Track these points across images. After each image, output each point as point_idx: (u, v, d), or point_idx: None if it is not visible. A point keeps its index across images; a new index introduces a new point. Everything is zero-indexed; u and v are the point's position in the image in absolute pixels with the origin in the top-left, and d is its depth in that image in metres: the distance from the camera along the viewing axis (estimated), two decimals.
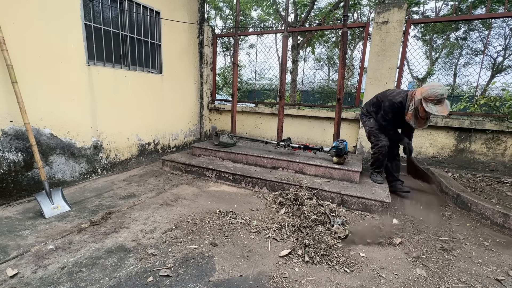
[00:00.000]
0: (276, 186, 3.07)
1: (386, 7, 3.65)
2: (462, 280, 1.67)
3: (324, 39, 9.26)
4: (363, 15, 11.68)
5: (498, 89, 6.27)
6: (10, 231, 2.03)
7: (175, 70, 4.44)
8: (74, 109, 2.99)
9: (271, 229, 2.20)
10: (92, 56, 3.13)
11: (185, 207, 2.61)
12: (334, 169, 3.16)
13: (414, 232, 2.28)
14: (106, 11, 3.26)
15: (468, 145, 3.68)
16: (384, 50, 3.68)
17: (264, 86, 10.22)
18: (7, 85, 2.36)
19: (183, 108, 4.78)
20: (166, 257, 1.78)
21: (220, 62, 10.57)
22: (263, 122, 4.90)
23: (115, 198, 2.77)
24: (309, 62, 11.74)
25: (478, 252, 2.02)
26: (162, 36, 4.06)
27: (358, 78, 4.41)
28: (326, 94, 9.25)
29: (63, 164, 2.96)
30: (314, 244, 1.93)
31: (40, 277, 1.55)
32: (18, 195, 2.59)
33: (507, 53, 10.14)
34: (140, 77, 3.79)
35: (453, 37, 10.94)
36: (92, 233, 2.05)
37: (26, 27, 2.50)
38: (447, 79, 11.41)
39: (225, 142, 3.92)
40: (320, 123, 4.42)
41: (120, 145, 3.63)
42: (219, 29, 7.78)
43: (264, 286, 1.56)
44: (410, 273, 1.73)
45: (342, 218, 2.34)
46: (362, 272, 1.72)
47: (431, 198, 3.08)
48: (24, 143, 2.58)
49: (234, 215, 2.44)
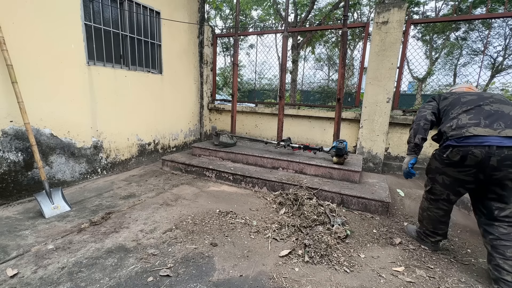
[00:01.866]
0: (276, 186, 3.07)
1: (386, 7, 3.65)
2: (462, 280, 1.67)
3: (324, 39, 9.26)
4: (363, 15, 11.69)
5: (498, 89, 6.27)
6: (10, 231, 2.03)
7: (175, 70, 4.44)
8: (74, 109, 2.99)
9: (271, 229, 2.21)
10: (92, 56, 3.13)
11: (185, 207, 2.61)
12: (334, 169, 3.16)
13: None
14: (106, 11, 3.26)
15: None
16: (384, 50, 3.68)
17: (264, 86, 10.23)
18: (7, 85, 2.36)
19: (183, 108, 4.78)
20: (166, 257, 1.78)
21: (220, 62, 10.57)
22: (263, 122, 4.90)
23: (115, 198, 2.77)
24: (309, 62, 11.74)
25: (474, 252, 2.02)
26: (162, 36, 4.06)
27: (358, 78, 4.41)
28: (326, 94, 9.25)
29: (63, 164, 2.96)
30: (314, 244, 1.93)
31: (40, 277, 1.55)
32: (18, 195, 2.59)
33: (507, 53, 10.14)
34: (140, 77, 3.79)
35: (453, 37, 10.94)
36: (92, 233, 2.05)
37: (26, 27, 2.50)
38: (447, 79, 11.42)
39: (225, 142, 3.92)
40: (320, 123, 4.42)
41: (120, 145, 3.63)
42: (219, 29, 7.79)
43: (264, 286, 1.56)
44: (410, 273, 1.73)
45: (342, 218, 2.34)
46: (362, 272, 1.72)
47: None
48: (24, 143, 2.58)
49: (234, 215, 2.44)
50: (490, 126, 1.44)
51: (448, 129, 1.58)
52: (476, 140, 1.43)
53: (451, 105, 1.71)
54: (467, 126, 1.49)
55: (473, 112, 1.55)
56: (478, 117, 1.51)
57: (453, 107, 1.68)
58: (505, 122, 1.44)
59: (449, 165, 1.59)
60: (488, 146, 1.39)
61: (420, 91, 10.95)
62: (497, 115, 1.48)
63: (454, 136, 1.52)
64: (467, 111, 1.57)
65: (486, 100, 1.59)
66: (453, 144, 1.52)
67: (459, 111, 1.61)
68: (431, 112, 1.80)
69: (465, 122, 1.52)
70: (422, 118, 1.79)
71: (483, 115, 1.51)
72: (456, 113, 1.61)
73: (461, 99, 1.69)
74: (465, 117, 1.54)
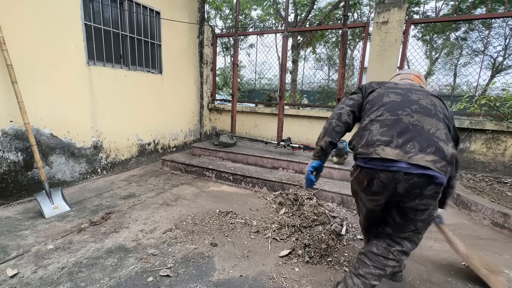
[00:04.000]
0: (276, 186, 3.07)
1: (386, 7, 3.65)
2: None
3: (324, 39, 9.26)
4: (363, 15, 11.68)
5: (498, 89, 6.27)
6: (10, 231, 2.03)
7: (175, 70, 4.44)
8: (74, 109, 2.99)
9: (271, 229, 2.20)
10: (92, 56, 3.13)
11: (185, 207, 2.61)
12: (334, 169, 3.16)
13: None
14: (106, 11, 3.26)
15: (468, 145, 3.68)
16: (384, 50, 3.68)
17: (264, 86, 10.22)
18: (7, 85, 2.36)
19: (183, 108, 4.77)
20: (166, 257, 1.78)
21: (220, 62, 10.57)
22: (263, 122, 4.90)
23: (115, 198, 2.77)
24: (309, 62, 11.75)
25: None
26: (162, 36, 4.06)
27: (358, 78, 4.41)
28: (326, 94, 9.25)
29: (63, 164, 2.96)
30: (314, 244, 1.92)
31: (40, 277, 1.55)
32: (18, 195, 2.59)
33: (507, 53, 10.14)
34: (140, 77, 3.78)
35: (453, 37, 10.94)
36: (92, 233, 2.05)
37: (26, 27, 2.50)
38: (447, 79, 11.41)
39: (225, 142, 3.92)
40: (320, 123, 4.41)
41: (120, 145, 3.63)
42: (219, 29, 7.78)
43: (264, 286, 1.56)
44: (410, 273, 1.73)
45: (342, 218, 2.34)
46: None
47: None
48: (24, 143, 2.58)
49: (234, 215, 2.44)
50: (402, 147, 1.14)
51: (358, 144, 1.27)
52: (383, 163, 1.16)
53: (372, 103, 1.37)
54: (376, 144, 1.19)
55: (387, 124, 1.23)
56: (391, 133, 1.19)
57: (372, 107, 1.34)
58: (420, 144, 1.14)
59: (359, 188, 1.33)
60: (395, 172, 1.14)
61: None
62: (414, 132, 1.18)
63: (362, 155, 1.23)
64: (381, 122, 1.25)
65: (411, 106, 1.26)
66: (361, 165, 1.24)
67: (373, 117, 1.29)
68: (350, 110, 1.43)
69: (375, 138, 1.21)
70: (335, 116, 1.44)
71: (398, 130, 1.20)
72: (370, 119, 1.29)
73: (384, 97, 1.34)
74: (377, 131, 1.23)
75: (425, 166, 1.09)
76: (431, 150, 1.12)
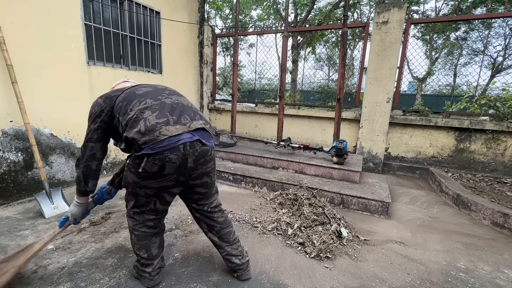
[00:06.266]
0: (276, 186, 3.07)
1: (386, 7, 3.65)
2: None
3: (324, 39, 9.25)
4: (363, 15, 11.69)
5: (498, 89, 6.27)
6: (10, 231, 2.03)
7: (175, 70, 4.44)
8: (74, 109, 2.99)
9: (271, 228, 2.20)
10: (92, 56, 3.13)
11: (184, 207, 2.59)
12: (334, 169, 3.16)
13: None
14: (106, 11, 3.26)
15: (468, 145, 3.68)
16: (384, 50, 3.68)
17: (264, 86, 10.22)
18: (7, 85, 2.36)
19: None
20: (166, 257, 1.78)
21: (220, 62, 10.54)
22: (263, 122, 4.90)
23: (115, 198, 2.76)
24: (309, 62, 11.74)
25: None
26: (162, 36, 4.06)
27: (358, 78, 4.41)
28: (326, 94, 9.25)
29: (63, 164, 2.96)
30: (314, 244, 1.92)
31: (40, 277, 1.55)
32: (18, 195, 2.59)
33: (507, 53, 10.14)
34: (140, 77, 3.78)
35: (453, 37, 10.94)
36: (92, 233, 2.05)
37: (26, 27, 2.50)
38: (447, 79, 11.42)
39: (225, 142, 3.92)
40: (320, 123, 4.42)
41: None
42: (219, 29, 7.78)
43: (264, 285, 1.56)
44: (410, 273, 1.73)
45: (342, 218, 2.34)
46: (362, 272, 1.72)
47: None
48: (24, 143, 2.58)
49: (234, 215, 2.44)
50: (179, 121, 1.25)
51: (138, 135, 1.20)
52: (170, 141, 1.19)
53: (128, 100, 1.35)
54: (158, 127, 1.20)
55: (157, 108, 1.27)
56: (164, 114, 1.25)
57: (130, 102, 1.33)
58: (189, 115, 1.30)
59: (148, 178, 1.26)
60: (182, 145, 1.22)
61: (420, 91, 10.96)
62: (180, 108, 1.31)
63: (148, 143, 1.19)
64: (151, 108, 1.27)
65: (164, 91, 1.39)
66: (148, 153, 1.19)
67: (140, 106, 1.28)
68: (101, 143, 1.52)
69: (154, 122, 1.21)
70: (93, 158, 1.47)
71: (168, 110, 1.27)
72: (138, 110, 1.27)
73: (136, 91, 1.38)
74: (152, 116, 1.24)
75: (202, 128, 1.31)
76: (198, 117, 1.34)
